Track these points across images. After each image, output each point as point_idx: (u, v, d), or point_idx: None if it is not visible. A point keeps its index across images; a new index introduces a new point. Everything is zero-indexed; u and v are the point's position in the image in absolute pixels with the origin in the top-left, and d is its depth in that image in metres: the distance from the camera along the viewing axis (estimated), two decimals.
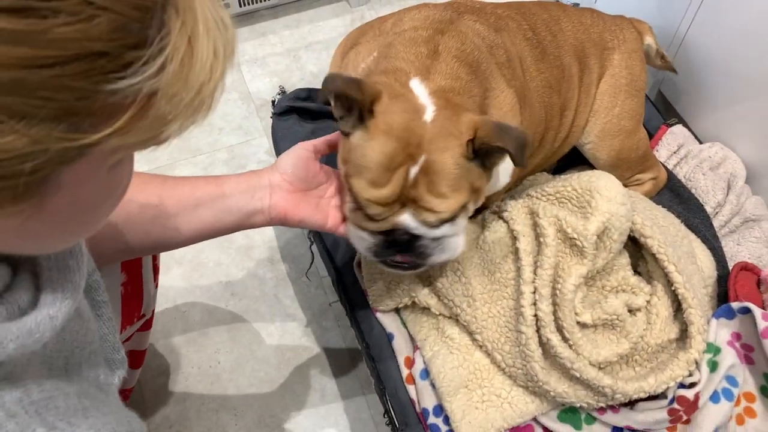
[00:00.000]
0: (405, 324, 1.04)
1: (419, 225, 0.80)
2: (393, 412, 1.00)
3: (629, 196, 0.99)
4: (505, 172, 0.94)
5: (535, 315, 0.91)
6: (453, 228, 0.83)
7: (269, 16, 1.80)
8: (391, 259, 0.86)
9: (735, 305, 0.97)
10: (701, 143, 1.30)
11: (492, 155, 0.80)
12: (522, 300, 0.92)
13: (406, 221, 0.80)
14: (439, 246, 0.84)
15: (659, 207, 1.09)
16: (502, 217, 1.00)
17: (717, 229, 1.17)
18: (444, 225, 0.82)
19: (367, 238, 0.84)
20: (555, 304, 0.92)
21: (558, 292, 0.91)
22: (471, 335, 0.99)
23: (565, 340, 0.91)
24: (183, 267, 1.39)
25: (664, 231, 0.99)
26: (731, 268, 1.06)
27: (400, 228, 0.81)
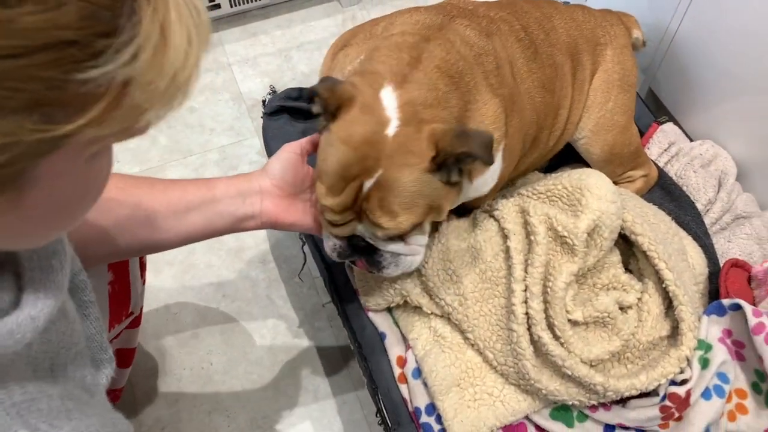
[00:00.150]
0: (397, 323, 1.04)
1: (373, 237, 0.83)
2: (385, 411, 1.00)
3: (619, 193, 0.99)
4: (493, 174, 0.93)
5: (527, 313, 0.91)
6: (408, 248, 0.86)
7: (260, 16, 1.80)
8: (352, 262, 0.88)
9: (726, 302, 0.97)
10: (692, 141, 1.30)
11: (461, 162, 0.79)
12: (513, 298, 0.92)
13: (360, 230, 0.83)
14: (395, 261, 0.86)
15: (650, 204, 1.09)
16: (493, 216, 1.00)
17: (708, 227, 1.17)
18: (398, 242, 0.84)
19: (333, 240, 0.87)
20: (546, 302, 0.92)
21: (549, 290, 0.91)
22: (463, 334, 0.99)
23: (557, 337, 0.91)
24: (174, 269, 1.39)
25: (654, 228, 0.99)
26: (722, 265, 1.07)
27: (357, 235, 0.84)
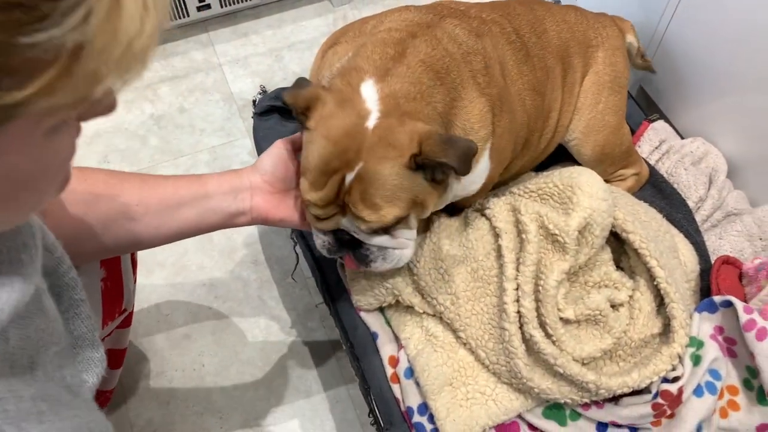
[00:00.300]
0: (389, 322, 1.04)
1: (357, 230, 0.82)
2: (378, 411, 0.99)
3: (610, 191, 0.99)
4: (481, 174, 0.93)
5: (518, 312, 0.91)
6: (395, 241, 0.85)
7: (251, 16, 1.79)
8: (341, 258, 0.88)
9: (717, 299, 0.97)
10: (683, 138, 1.31)
11: (438, 169, 0.79)
12: (505, 297, 0.91)
13: (344, 224, 0.82)
14: (382, 255, 0.86)
15: (641, 202, 1.09)
16: (484, 215, 1.00)
17: (699, 224, 1.17)
18: (383, 235, 0.83)
19: (321, 236, 0.87)
20: (538, 300, 0.91)
21: (540, 288, 0.91)
22: (455, 333, 0.98)
23: (549, 336, 0.91)
24: (166, 270, 1.38)
25: (646, 226, 0.99)
26: (713, 262, 1.07)
27: (342, 229, 0.83)
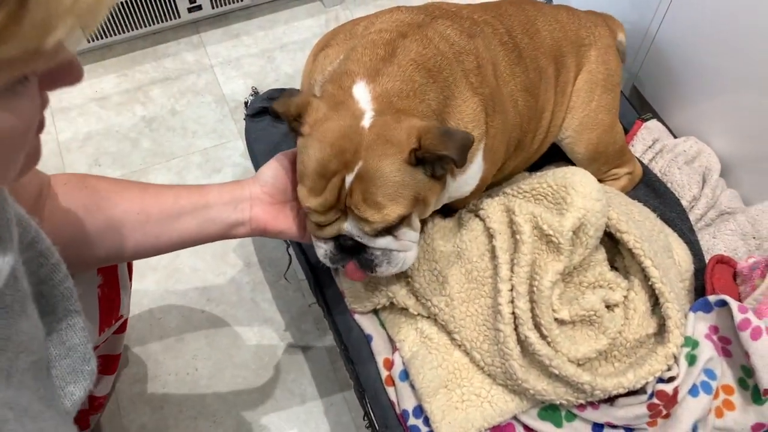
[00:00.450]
0: (383, 325, 1.03)
1: (361, 233, 0.81)
2: (373, 414, 0.99)
3: (604, 191, 0.99)
4: (474, 174, 0.93)
5: (513, 313, 0.91)
6: (399, 243, 0.83)
7: (243, 17, 1.78)
8: (343, 267, 0.86)
9: (712, 298, 0.97)
10: (676, 137, 1.31)
11: (438, 163, 0.78)
12: (499, 298, 0.91)
13: (347, 228, 0.81)
14: (387, 258, 0.84)
15: (635, 202, 1.09)
16: (478, 216, 0.99)
17: (693, 223, 1.17)
18: (386, 236, 0.82)
19: (322, 245, 0.85)
20: (532, 301, 0.91)
21: (535, 289, 0.91)
22: (450, 335, 0.98)
23: (543, 337, 0.90)
24: (158, 273, 1.37)
25: (640, 226, 0.99)
26: (707, 261, 1.07)
27: (344, 234, 0.81)
